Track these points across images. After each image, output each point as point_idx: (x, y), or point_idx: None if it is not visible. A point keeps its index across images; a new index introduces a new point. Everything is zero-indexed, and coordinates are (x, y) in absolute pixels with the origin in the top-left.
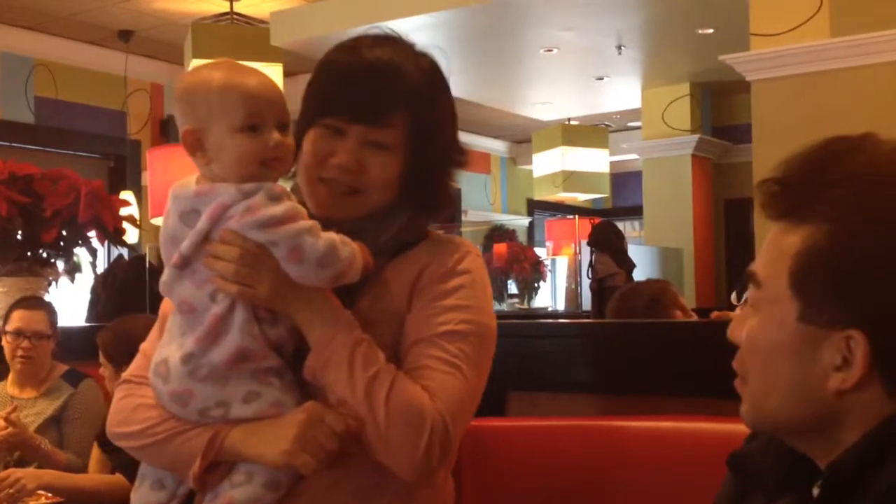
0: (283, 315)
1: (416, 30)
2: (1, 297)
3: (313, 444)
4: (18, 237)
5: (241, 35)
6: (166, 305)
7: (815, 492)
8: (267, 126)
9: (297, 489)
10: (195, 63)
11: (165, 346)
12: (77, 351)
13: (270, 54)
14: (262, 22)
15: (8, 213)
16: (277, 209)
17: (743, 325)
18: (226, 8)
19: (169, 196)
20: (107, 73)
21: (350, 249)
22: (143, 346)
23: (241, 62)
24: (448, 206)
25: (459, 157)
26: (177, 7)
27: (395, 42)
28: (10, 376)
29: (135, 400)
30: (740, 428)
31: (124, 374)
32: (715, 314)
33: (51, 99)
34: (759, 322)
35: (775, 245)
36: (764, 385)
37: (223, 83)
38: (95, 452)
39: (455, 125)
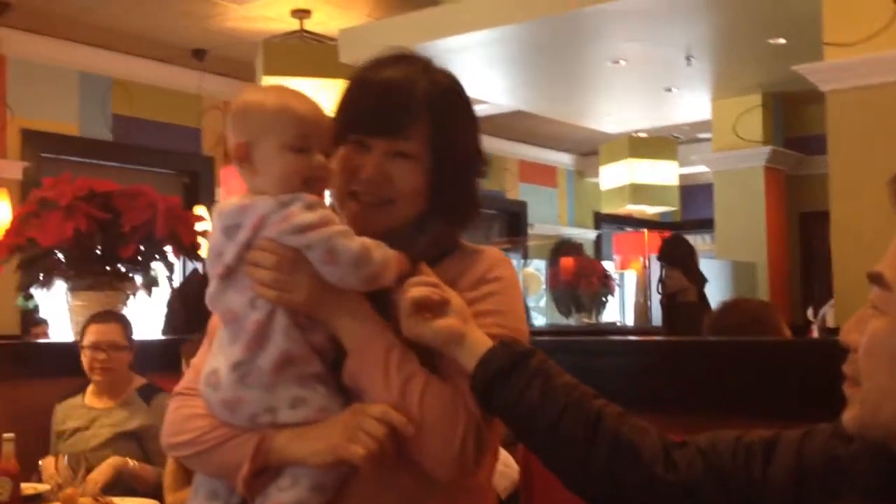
0: (320, 321)
1: (481, 44)
2: (80, 310)
3: (361, 435)
4: (97, 252)
5: (311, 52)
6: (214, 321)
7: None
8: (313, 149)
9: (342, 493)
10: (266, 80)
11: (214, 357)
12: (155, 363)
13: (339, 71)
14: (330, 39)
15: (87, 228)
16: (312, 216)
17: (862, 327)
18: (296, 26)
19: (213, 214)
20: (181, 90)
21: (384, 253)
22: (194, 360)
23: (306, 78)
24: (477, 214)
25: (482, 166)
26: (248, 26)
27: (409, 59)
28: (90, 388)
29: (187, 410)
30: None
31: (176, 388)
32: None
33: (128, 117)
34: (886, 325)
35: None
36: (881, 390)
37: (279, 104)
38: (170, 465)
39: (477, 135)
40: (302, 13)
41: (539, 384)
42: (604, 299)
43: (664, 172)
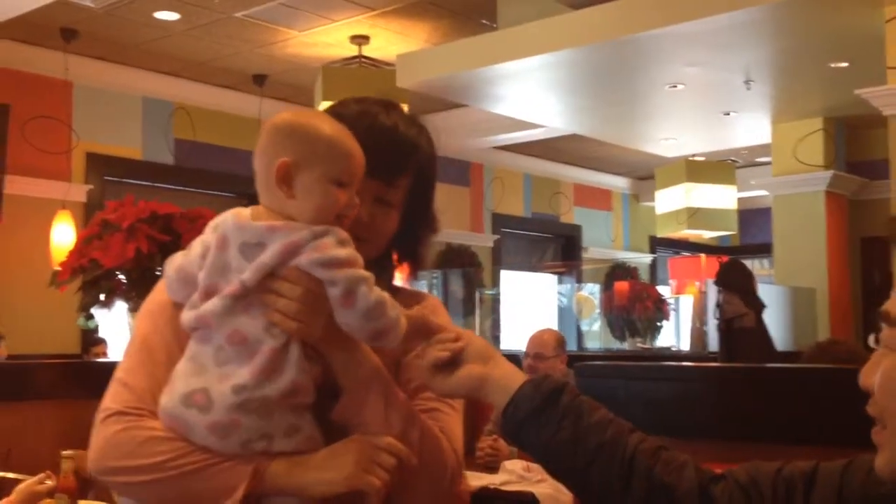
0: (322, 354)
1: (536, 69)
2: None
3: (374, 466)
4: (158, 274)
5: (369, 77)
6: (148, 331)
7: None
8: (352, 187)
9: None
10: (325, 105)
11: (196, 376)
12: None
13: (397, 95)
14: (388, 64)
15: (148, 250)
16: (343, 252)
17: (877, 368)
18: (354, 52)
19: (224, 225)
20: (241, 115)
21: (397, 313)
22: (123, 377)
23: None
24: (425, 266)
25: (436, 224)
26: (308, 52)
27: (397, 108)
28: None
29: (142, 432)
30: None
31: (112, 406)
32: None
33: (189, 141)
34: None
35: None
36: None
37: (335, 135)
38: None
39: (435, 195)
40: (361, 39)
41: (570, 425)
42: (658, 324)
43: (722, 196)
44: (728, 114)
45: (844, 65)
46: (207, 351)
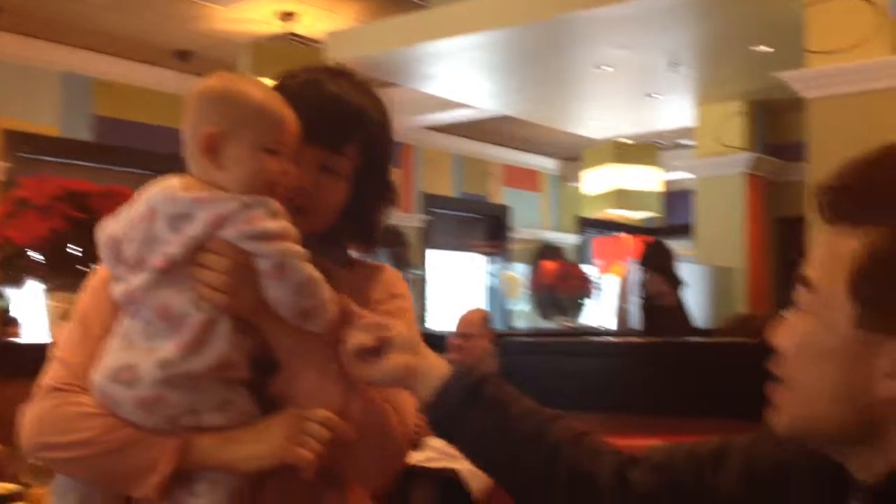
0: (257, 328)
1: (467, 49)
2: (53, 311)
3: (306, 438)
4: (75, 253)
5: (298, 55)
6: (87, 306)
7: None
8: (285, 154)
9: (253, 502)
10: None
11: (126, 351)
12: None
13: None
14: (317, 42)
15: (63, 228)
16: (274, 225)
17: (790, 330)
18: (280, 28)
19: (153, 196)
20: (164, 91)
21: (329, 296)
22: (60, 353)
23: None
24: (379, 242)
25: (392, 195)
26: (234, 27)
27: (348, 76)
28: None
29: (72, 408)
30: None
31: (47, 383)
32: None
33: (109, 118)
34: (811, 326)
35: (830, 249)
36: (809, 390)
37: (263, 100)
38: None
39: (391, 166)
40: (287, 16)
41: (494, 418)
42: (584, 303)
43: (647, 178)
44: (654, 96)
45: (766, 49)
46: (137, 326)
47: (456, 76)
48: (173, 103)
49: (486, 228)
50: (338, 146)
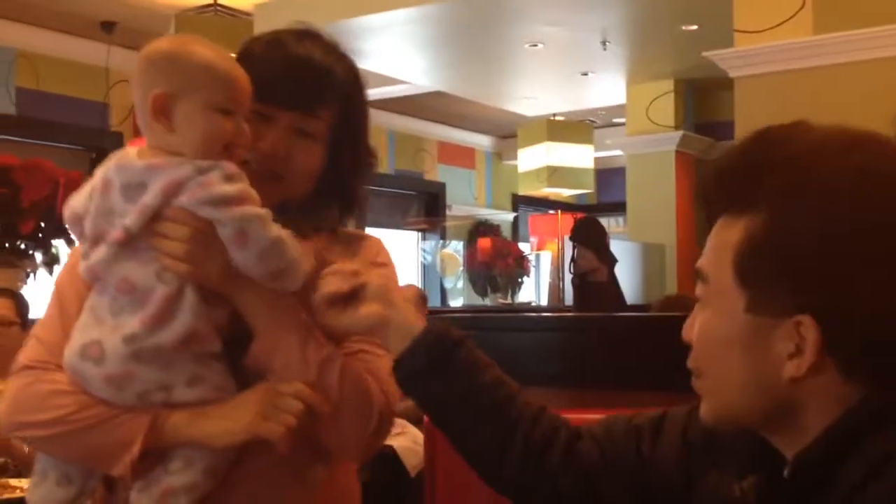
0: (227, 298)
1: (400, 23)
2: None
3: (278, 412)
4: None
5: (225, 27)
6: (63, 284)
7: (787, 472)
8: (239, 114)
9: (231, 478)
10: None
11: (93, 328)
12: None
13: None
14: (245, 14)
15: None
16: (231, 188)
17: (694, 323)
18: (208, 0)
19: (106, 167)
20: (89, 64)
21: (297, 252)
22: (37, 331)
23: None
24: (362, 207)
25: (372, 159)
26: None
27: (320, 38)
28: None
29: (45, 386)
30: None
31: (22, 361)
32: None
33: (32, 90)
34: (709, 317)
35: (719, 239)
36: (720, 380)
37: (212, 60)
38: None
39: (368, 129)
40: None
41: (464, 381)
42: (519, 280)
43: (580, 156)
44: (586, 74)
45: (694, 27)
46: (104, 302)
47: (389, 51)
48: (98, 76)
49: (420, 206)
50: (311, 108)
